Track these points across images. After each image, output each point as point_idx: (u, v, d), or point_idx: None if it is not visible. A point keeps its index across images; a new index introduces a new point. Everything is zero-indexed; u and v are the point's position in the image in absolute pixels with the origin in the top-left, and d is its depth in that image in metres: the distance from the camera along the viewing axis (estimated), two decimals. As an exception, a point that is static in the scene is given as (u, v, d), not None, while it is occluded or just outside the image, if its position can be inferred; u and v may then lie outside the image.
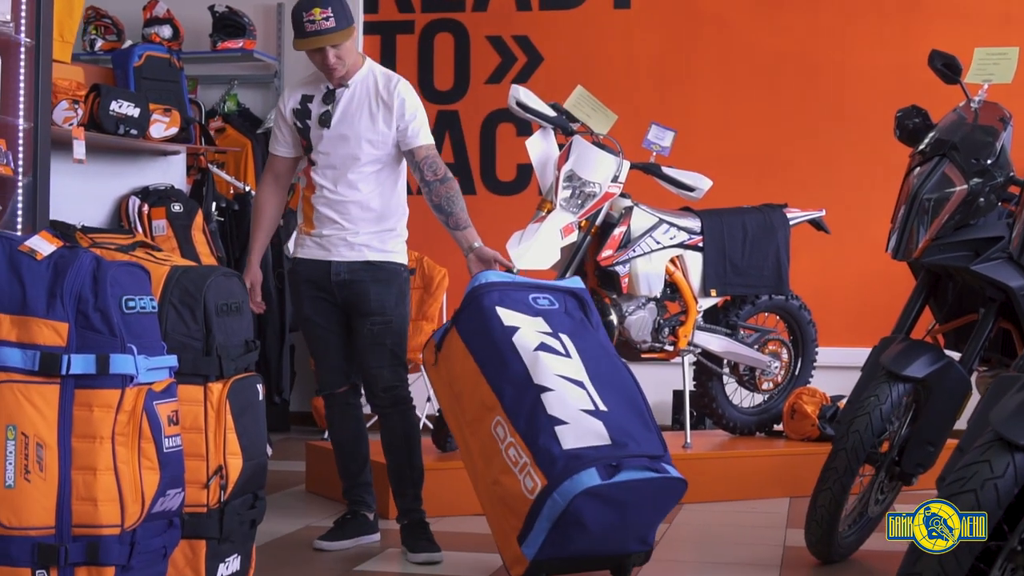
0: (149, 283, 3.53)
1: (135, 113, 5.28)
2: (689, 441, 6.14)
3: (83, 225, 5.08)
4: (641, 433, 4.21)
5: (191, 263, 3.95)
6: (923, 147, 4.66)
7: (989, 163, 4.49)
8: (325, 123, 4.75)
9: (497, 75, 8.07)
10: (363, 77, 4.80)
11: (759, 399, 6.57)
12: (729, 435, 6.51)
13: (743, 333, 6.33)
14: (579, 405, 4.17)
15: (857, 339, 4.76)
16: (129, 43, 6.06)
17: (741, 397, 6.56)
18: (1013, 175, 4.52)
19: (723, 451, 6.29)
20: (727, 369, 6.40)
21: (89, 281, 3.32)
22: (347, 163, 4.74)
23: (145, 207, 5.60)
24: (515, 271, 5.13)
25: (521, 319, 4.35)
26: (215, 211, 6.55)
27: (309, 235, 4.86)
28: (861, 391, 4.57)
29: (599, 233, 5.84)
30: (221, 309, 3.79)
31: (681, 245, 6.04)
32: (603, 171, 5.71)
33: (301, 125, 4.81)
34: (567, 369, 4.26)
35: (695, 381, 6.38)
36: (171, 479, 3.43)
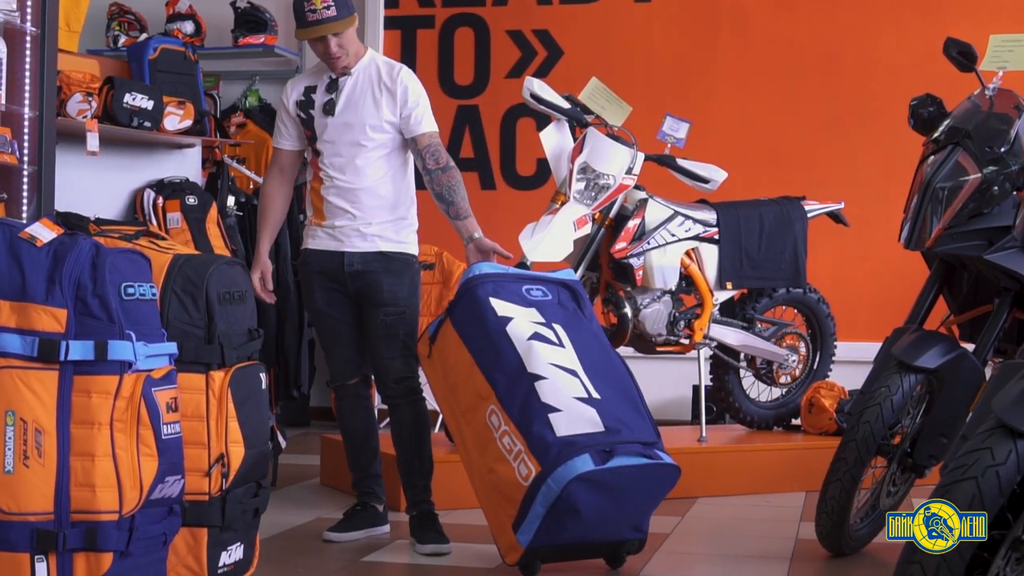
0: (149, 270, 3.53)
1: (149, 106, 5.28)
2: (704, 435, 6.10)
3: (97, 217, 5.09)
4: (634, 420, 4.26)
5: (194, 251, 3.96)
6: (937, 135, 4.62)
7: (1003, 151, 4.45)
8: (329, 111, 4.76)
9: (517, 69, 8.06)
10: (365, 65, 4.80)
11: (777, 393, 6.53)
12: (746, 429, 6.46)
13: (760, 327, 6.28)
14: (572, 393, 4.21)
15: (877, 333, 4.72)
16: (144, 36, 6.06)
17: (759, 391, 6.52)
18: (1029, 163, 4.47)
19: (739, 444, 6.25)
20: (744, 363, 6.36)
21: (88, 267, 3.33)
22: (353, 150, 4.74)
23: (160, 200, 5.61)
24: (528, 264, 5.13)
25: (515, 310, 4.39)
26: (234, 205, 6.54)
27: (320, 226, 4.85)
28: (872, 382, 4.53)
29: (613, 225, 5.82)
30: (223, 297, 3.80)
31: (696, 238, 6.01)
32: (617, 163, 5.68)
33: (305, 115, 4.81)
34: (561, 358, 4.30)
35: (712, 375, 6.34)
36: (170, 466, 3.43)
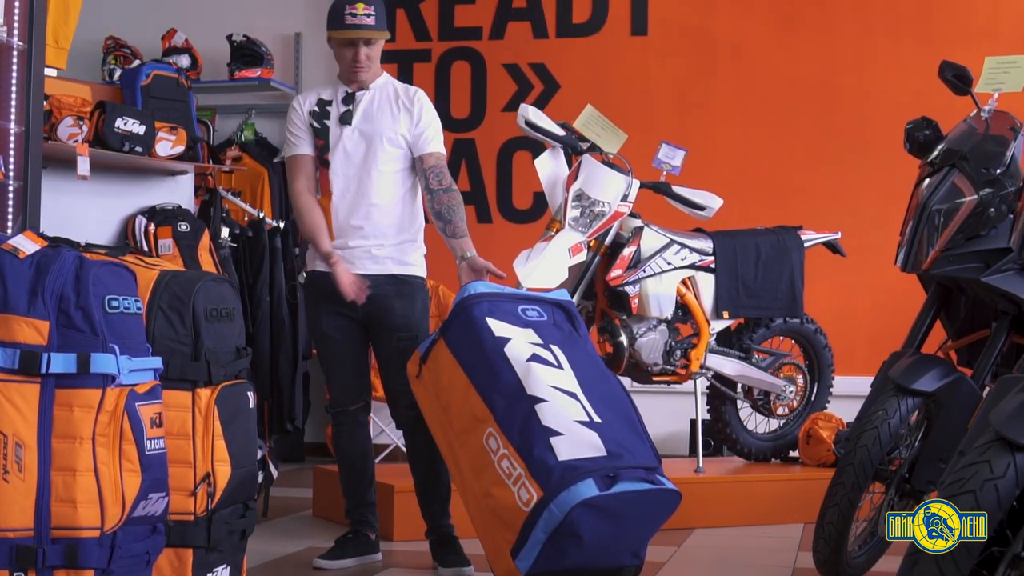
0: (135, 284, 3.49)
1: (140, 130, 5.25)
2: (701, 465, 6.04)
3: (87, 243, 5.04)
4: (635, 444, 4.16)
5: (180, 268, 3.91)
6: (933, 158, 4.58)
7: (999, 172, 4.41)
8: (346, 121, 4.75)
9: (514, 103, 8.01)
10: (382, 84, 4.83)
11: (774, 424, 6.47)
12: (744, 461, 6.40)
13: (757, 357, 6.24)
14: (573, 416, 4.11)
15: (875, 367, 4.67)
16: (137, 63, 6.05)
17: (756, 423, 6.46)
18: (1024, 185, 4.43)
19: (736, 475, 6.19)
20: (741, 394, 6.30)
21: (71, 279, 3.28)
22: (368, 162, 4.73)
23: (151, 226, 5.57)
24: (524, 290, 5.07)
25: (511, 330, 4.30)
26: (228, 236, 6.52)
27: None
28: (870, 406, 4.47)
29: (608, 253, 5.78)
30: (211, 314, 3.74)
31: (693, 266, 5.97)
32: (612, 190, 5.65)
33: (319, 125, 4.78)
34: (560, 380, 4.20)
35: (709, 406, 6.28)
36: (153, 482, 3.37)
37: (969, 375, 4.49)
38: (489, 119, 8.15)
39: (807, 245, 6.27)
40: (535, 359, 4.21)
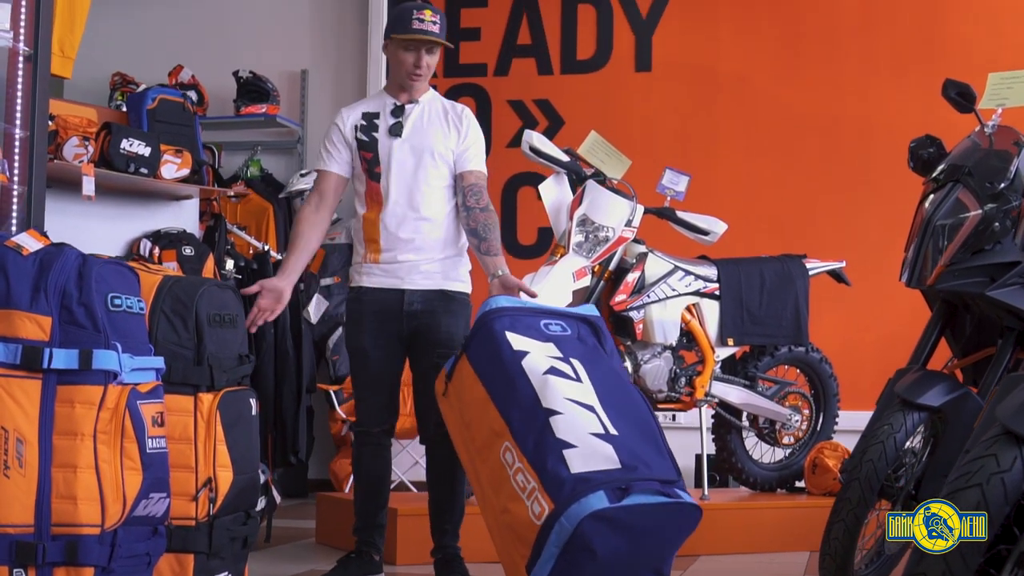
0: (138, 285, 3.49)
1: (146, 152, 5.28)
2: (707, 493, 6.00)
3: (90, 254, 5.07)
4: (653, 457, 4.03)
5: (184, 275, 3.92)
6: (937, 174, 4.58)
7: (1004, 187, 4.40)
8: (396, 133, 4.72)
9: (518, 139, 8.03)
10: (430, 99, 4.82)
11: (780, 454, 6.43)
12: (750, 491, 6.36)
13: (762, 386, 6.21)
14: (588, 428, 4.00)
15: (882, 403, 4.66)
16: (143, 87, 6.08)
17: (761, 452, 6.42)
18: (1030, 198, 4.43)
19: (742, 502, 6.15)
20: (747, 422, 6.27)
21: (74, 276, 3.28)
22: (417, 175, 4.70)
23: (156, 249, 5.59)
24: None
25: (532, 344, 4.21)
26: (233, 269, 6.52)
27: (377, 263, 4.75)
28: (875, 422, 4.45)
29: (613, 278, 5.78)
30: (213, 319, 3.74)
31: (697, 293, 5.96)
32: (616, 215, 5.66)
33: (367, 138, 4.73)
34: (577, 393, 4.09)
35: (714, 435, 6.25)
36: (155, 481, 3.36)
37: (975, 392, 4.47)
38: (494, 155, 8.13)
39: (812, 273, 6.27)
40: (553, 372, 4.12)
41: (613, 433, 4.03)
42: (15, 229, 3.81)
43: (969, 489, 2.76)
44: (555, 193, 5.81)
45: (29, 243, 3.32)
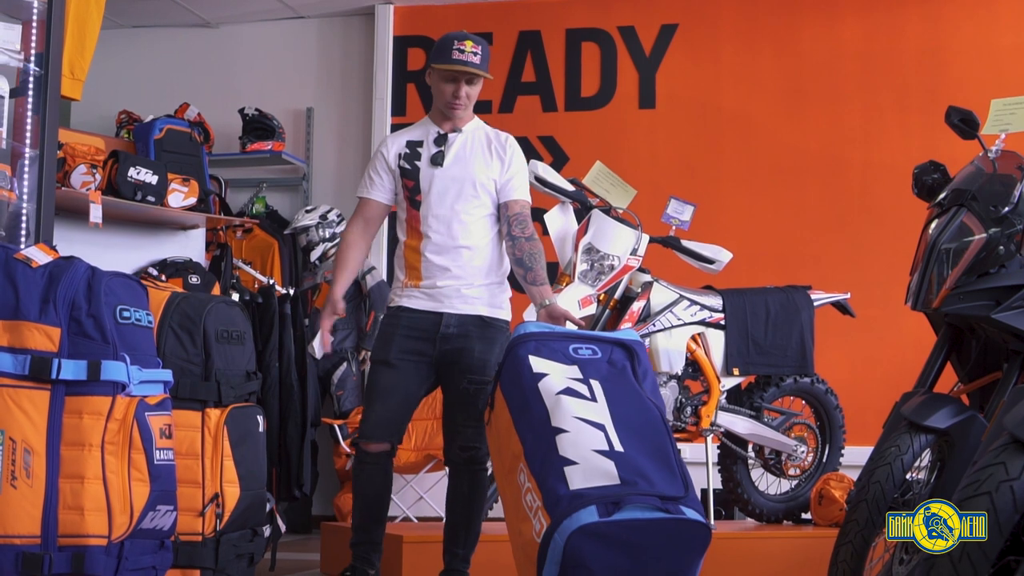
0: (146, 299, 3.50)
1: (153, 180, 5.30)
2: (713, 523, 5.97)
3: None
4: (657, 473, 3.97)
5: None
6: (941, 199, 4.60)
7: (1007, 211, 4.42)
8: (438, 162, 4.71)
9: (523, 175, 8.09)
10: (474, 128, 4.82)
11: (786, 486, 6.41)
12: (756, 523, 6.34)
13: (768, 416, 6.20)
14: (592, 446, 3.97)
15: (887, 439, 4.66)
16: (151, 117, 6.12)
17: (767, 484, 6.40)
18: (1033, 222, 4.44)
19: (747, 532, 6.12)
20: (752, 453, 6.26)
21: (83, 288, 3.30)
22: (458, 205, 4.69)
23: (163, 278, 5.60)
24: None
25: (553, 367, 4.19)
26: (238, 301, 6.53)
27: (418, 287, 4.74)
28: (882, 444, 4.44)
29: (618, 307, 5.78)
30: (221, 336, 3.76)
31: (703, 323, 5.96)
32: (622, 244, 5.67)
33: (409, 166, 4.74)
34: (589, 412, 4.07)
35: (719, 466, 6.23)
36: (162, 493, 3.36)
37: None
38: (499, 191, 8.19)
39: (817, 304, 6.26)
40: (567, 392, 4.10)
41: (618, 450, 3.99)
42: (23, 245, 3.82)
43: (978, 497, 2.77)
44: (560, 222, 5.82)
45: (38, 256, 3.33)
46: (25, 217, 3.78)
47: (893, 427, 4.46)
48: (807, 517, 6.34)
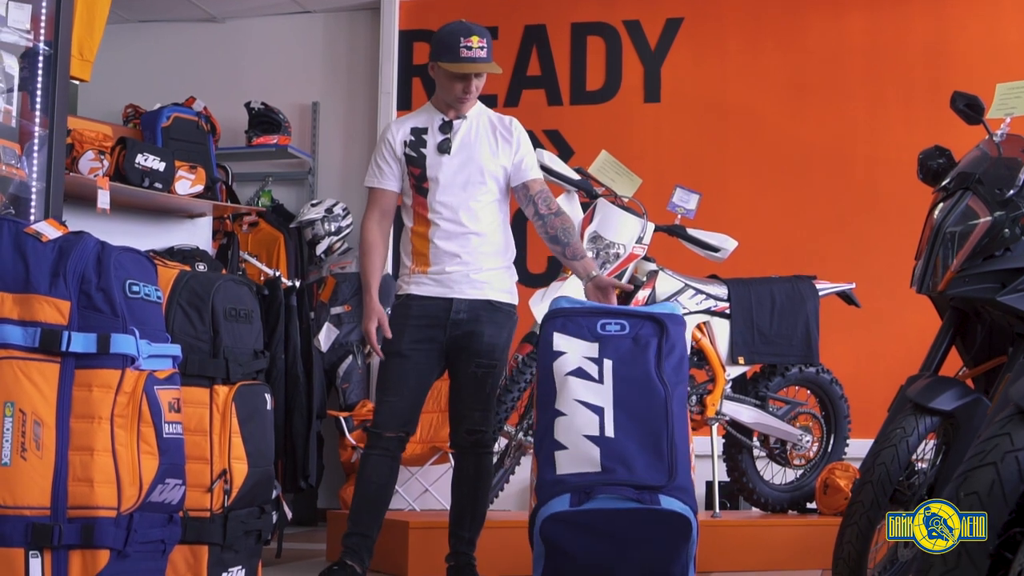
0: (155, 274, 3.52)
1: (160, 167, 5.32)
2: (718, 511, 5.99)
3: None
4: (641, 462, 3.97)
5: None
6: (946, 183, 4.62)
7: (1012, 194, 4.43)
8: (445, 150, 4.72)
9: (528, 168, 8.11)
10: (477, 113, 4.82)
11: (791, 475, 6.42)
12: (761, 512, 6.35)
13: (773, 406, 6.21)
14: (583, 431, 4.00)
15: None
16: (158, 106, 6.14)
17: (772, 473, 6.41)
18: (1039, 204, 4.45)
19: (753, 520, 6.14)
20: (757, 442, 6.27)
21: (93, 261, 3.32)
22: (466, 192, 4.70)
23: (169, 265, 5.61)
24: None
25: (573, 344, 4.18)
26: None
27: (426, 273, 4.74)
28: (887, 426, 4.45)
29: (623, 296, 5.79)
30: (229, 313, 3.77)
31: (708, 311, 5.98)
32: (627, 232, 5.69)
33: (415, 154, 4.73)
34: (591, 394, 4.08)
35: (725, 456, 6.24)
36: (171, 467, 3.37)
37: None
38: (504, 184, 8.21)
39: (822, 294, 6.28)
40: (575, 373, 4.12)
41: (608, 436, 4.01)
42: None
43: (983, 468, 2.76)
44: (566, 211, 5.82)
45: (48, 231, 3.35)
46: (35, 195, 3.79)
47: (899, 409, 4.47)
48: (812, 506, 6.35)
